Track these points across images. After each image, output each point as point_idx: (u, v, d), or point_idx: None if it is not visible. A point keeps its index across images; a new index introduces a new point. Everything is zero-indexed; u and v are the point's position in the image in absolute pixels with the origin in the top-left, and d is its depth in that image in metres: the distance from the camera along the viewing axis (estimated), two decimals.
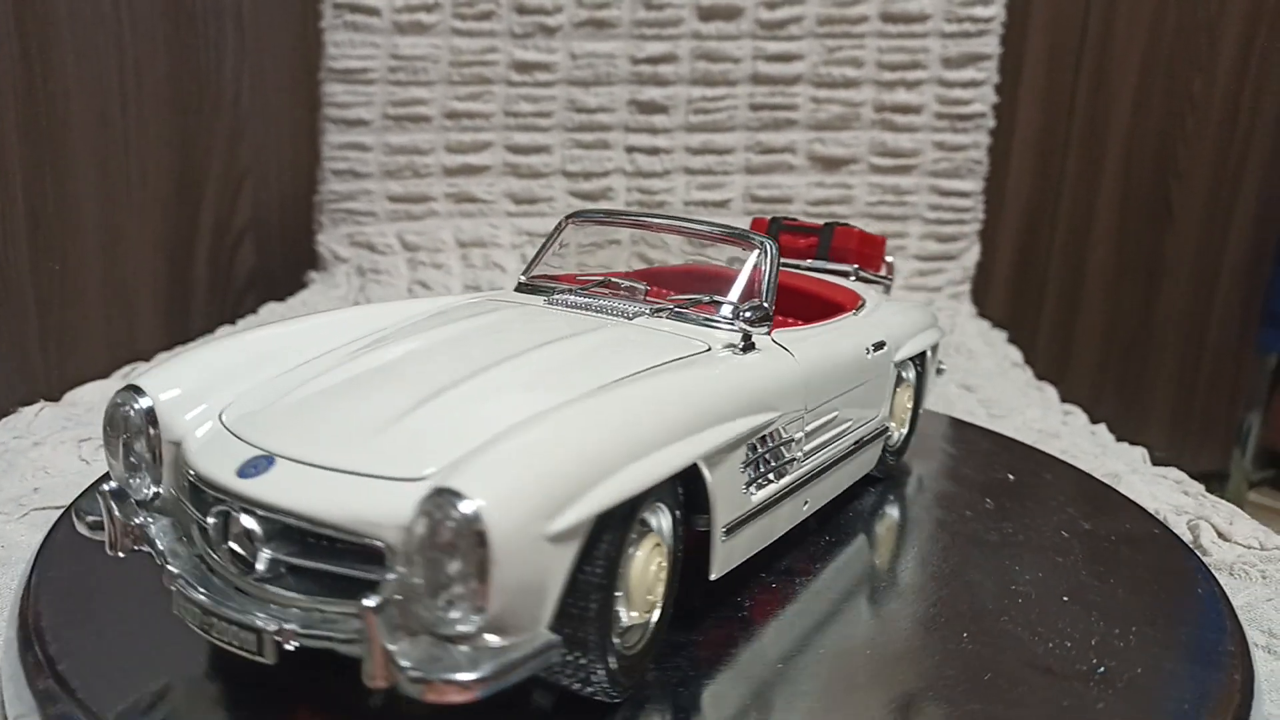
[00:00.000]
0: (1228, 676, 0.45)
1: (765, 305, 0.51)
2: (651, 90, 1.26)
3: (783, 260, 0.59)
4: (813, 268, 0.75)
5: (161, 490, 0.42)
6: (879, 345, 0.61)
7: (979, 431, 0.81)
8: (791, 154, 1.27)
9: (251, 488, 0.37)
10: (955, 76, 1.26)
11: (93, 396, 0.82)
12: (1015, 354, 1.14)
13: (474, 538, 0.32)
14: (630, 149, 1.27)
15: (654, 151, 1.27)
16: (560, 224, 0.61)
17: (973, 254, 1.31)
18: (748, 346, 0.49)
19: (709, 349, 0.48)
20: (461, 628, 0.33)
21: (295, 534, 0.37)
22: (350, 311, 0.53)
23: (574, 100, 1.25)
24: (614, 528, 0.37)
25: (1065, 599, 0.51)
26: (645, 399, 0.41)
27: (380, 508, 0.35)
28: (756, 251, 0.54)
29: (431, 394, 0.41)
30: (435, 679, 0.32)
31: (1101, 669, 0.45)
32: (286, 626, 0.36)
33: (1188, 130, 1.58)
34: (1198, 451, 1.76)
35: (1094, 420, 0.88)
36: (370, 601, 0.33)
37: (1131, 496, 0.69)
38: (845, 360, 0.57)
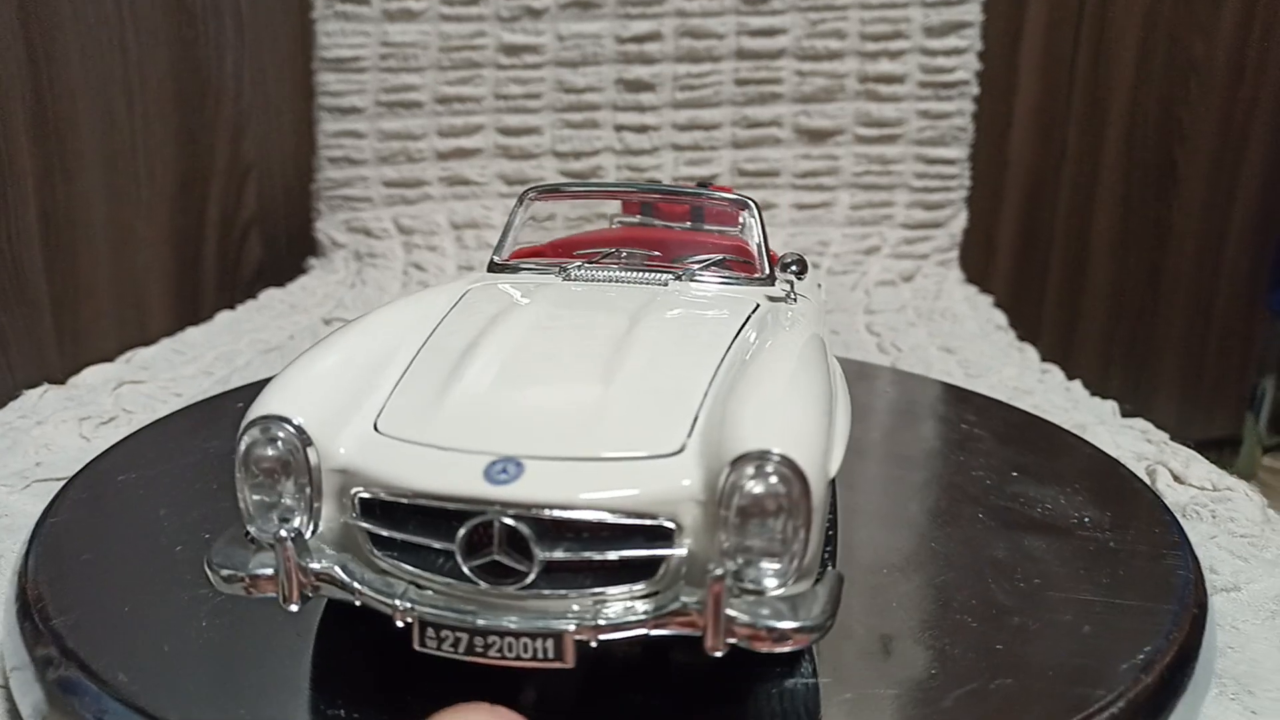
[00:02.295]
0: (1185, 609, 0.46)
1: (803, 259, 0.55)
2: (638, 69, 1.28)
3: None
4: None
5: (321, 527, 0.38)
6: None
7: (937, 386, 0.83)
8: (778, 127, 1.28)
9: (519, 492, 0.35)
10: (938, 45, 1.26)
11: (95, 379, 0.86)
12: (1000, 318, 1.15)
13: (800, 492, 0.34)
14: (619, 127, 1.29)
15: (642, 129, 1.29)
16: (521, 199, 0.63)
17: (959, 220, 1.32)
18: (793, 297, 0.54)
19: (757, 305, 0.51)
20: (771, 580, 0.35)
21: (561, 532, 0.35)
22: (406, 307, 0.50)
23: (562, 81, 1.28)
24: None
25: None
26: (808, 357, 0.44)
27: (665, 486, 0.35)
28: (747, 210, 0.58)
29: (601, 376, 0.41)
30: (787, 629, 0.33)
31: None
32: (591, 623, 0.34)
33: (1191, 93, 1.56)
34: (1209, 418, 1.75)
35: (1099, 393, 0.89)
36: (718, 571, 0.34)
37: (1096, 444, 0.70)
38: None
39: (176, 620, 0.44)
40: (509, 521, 0.34)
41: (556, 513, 0.35)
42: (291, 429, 0.37)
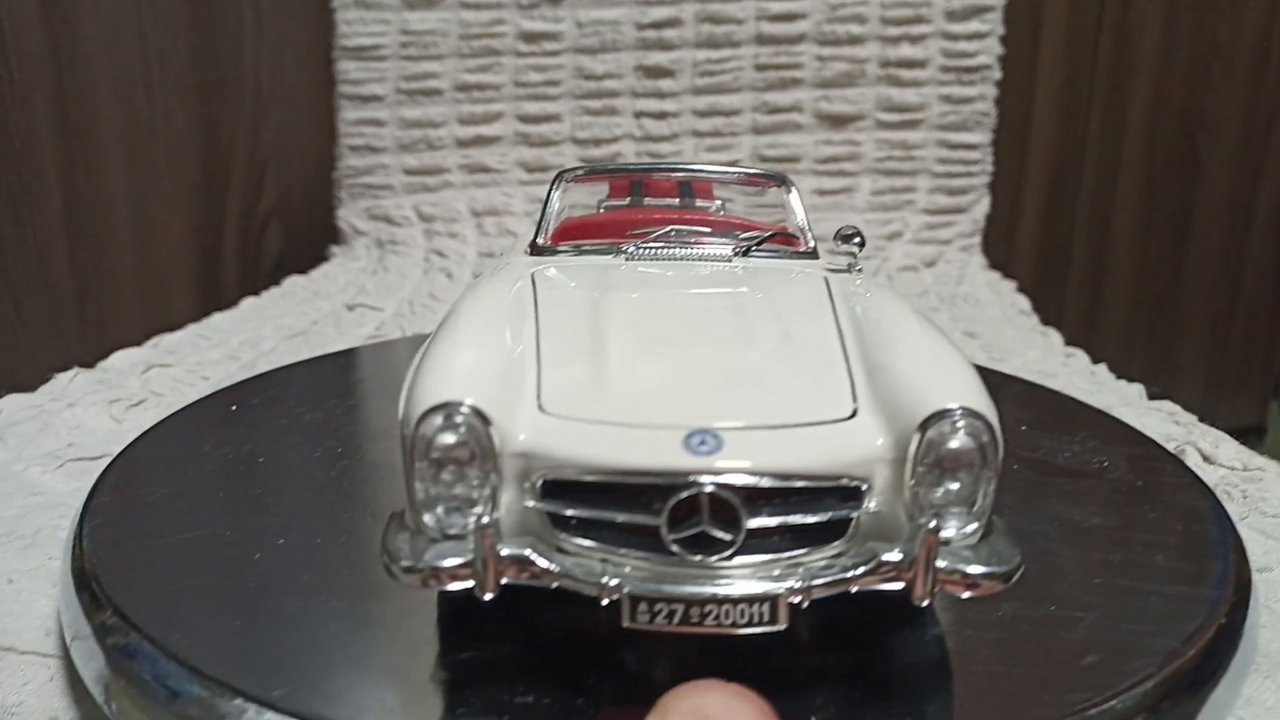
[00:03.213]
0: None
1: (860, 231, 0.56)
2: (657, 55, 1.27)
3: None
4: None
5: (500, 513, 0.37)
6: None
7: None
8: (798, 112, 1.28)
9: (726, 461, 0.35)
10: (959, 29, 1.26)
11: (122, 363, 0.87)
12: (1024, 302, 1.14)
13: (991, 443, 0.36)
14: (638, 114, 1.29)
15: (662, 115, 1.29)
16: (556, 180, 0.64)
17: (982, 206, 1.31)
18: (858, 268, 0.56)
19: (826, 277, 0.53)
20: (956, 529, 0.37)
21: (762, 499, 0.36)
22: (489, 295, 0.49)
23: (582, 68, 1.28)
24: None
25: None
26: (924, 319, 0.46)
27: (861, 448, 0.37)
28: (787, 188, 0.61)
29: (740, 347, 0.43)
30: (994, 573, 0.36)
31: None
32: (804, 584, 0.35)
33: (1215, 79, 1.55)
34: (1233, 405, 1.73)
35: (1126, 378, 0.89)
36: (932, 524, 0.36)
37: (1115, 416, 0.70)
38: None
39: (230, 590, 0.44)
40: (719, 492, 0.35)
41: (765, 481, 0.35)
42: (473, 413, 0.36)
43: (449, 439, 0.36)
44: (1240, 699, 0.43)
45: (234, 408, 0.67)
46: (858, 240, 0.55)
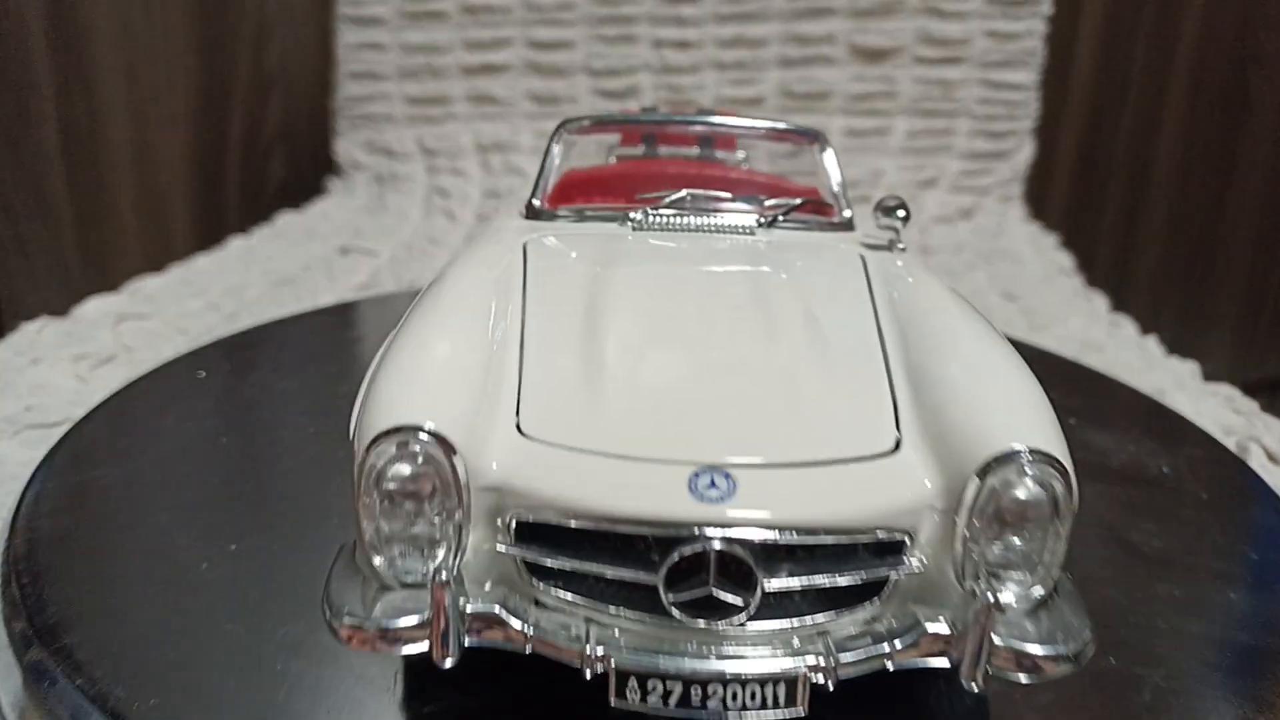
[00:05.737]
0: None
1: (904, 202, 0.50)
2: None
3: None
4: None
5: (467, 556, 0.31)
6: None
7: None
8: (830, 45, 1.18)
9: (739, 511, 0.29)
10: None
11: (96, 312, 0.81)
12: (1066, 260, 1.06)
13: (1065, 493, 0.30)
14: (658, 43, 1.20)
15: (682, 45, 1.19)
16: (556, 133, 0.57)
17: (1025, 152, 1.22)
18: (900, 245, 0.49)
19: (862, 256, 0.46)
20: (1014, 593, 0.30)
21: (782, 554, 0.30)
22: (471, 273, 0.42)
23: None
24: None
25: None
26: (985, 323, 0.39)
27: (903, 494, 0.30)
28: (820, 146, 0.54)
29: (763, 353, 0.36)
30: (1061, 654, 0.30)
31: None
32: (829, 662, 0.29)
33: (1270, 10, 1.44)
34: (1265, 357, 1.67)
35: (1150, 326, 0.82)
36: (991, 596, 0.29)
37: (1173, 409, 0.64)
38: None
39: (170, 609, 0.39)
40: (730, 549, 0.29)
41: (786, 536, 0.29)
42: (434, 440, 0.30)
43: (404, 470, 0.30)
44: None
45: (202, 374, 0.61)
46: (902, 214, 0.48)
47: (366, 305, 0.79)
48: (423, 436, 0.30)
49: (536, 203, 0.52)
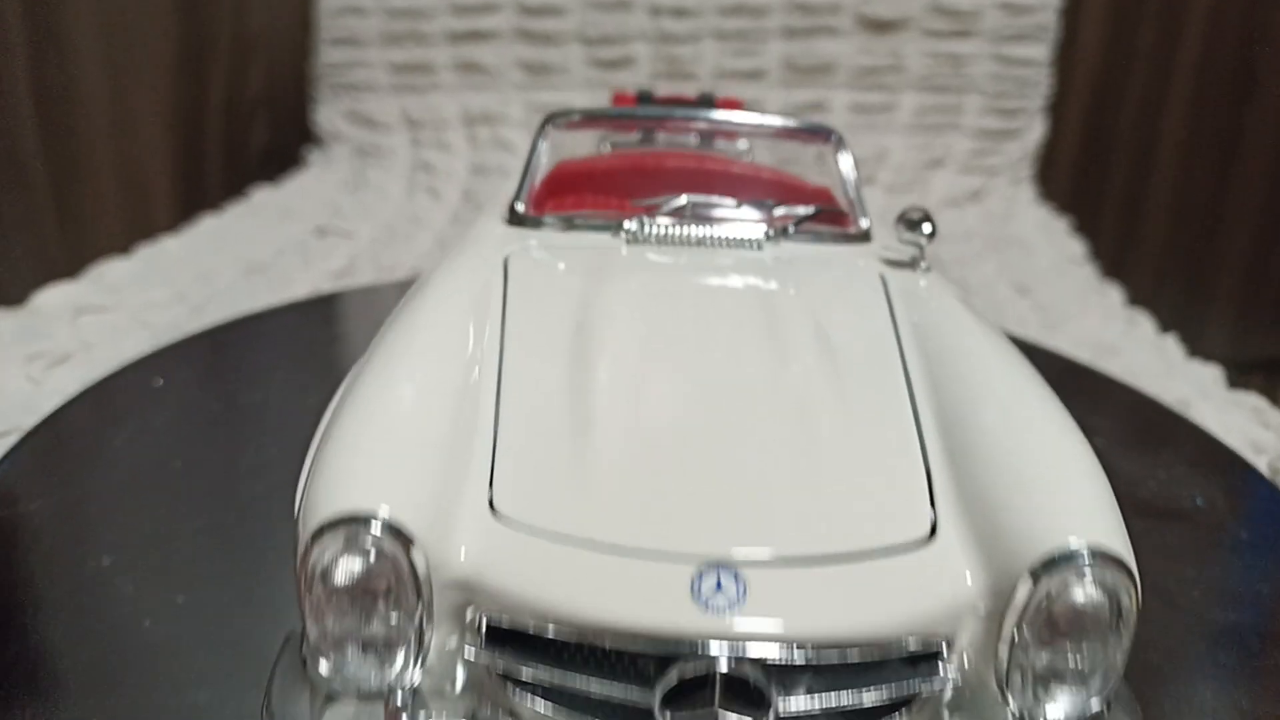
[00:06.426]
0: None
1: (929, 215, 0.45)
2: None
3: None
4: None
5: (431, 658, 0.27)
6: None
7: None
8: (835, 15, 1.12)
9: (749, 623, 0.25)
10: None
11: (53, 302, 0.76)
12: (1077, 248, 1.02)
13: (1130, 598, 0.26)
14: (655, 10, 1.14)
15: (681, 13, 1.13)
16: (541, 128, 0.52)
17: (1036, 131, 1.17)
18: (924, 264, 0.44)
19: (882, 276, 0.42)
20: (1060, 711, 0.26)
21: (799, 668, 0.26)
22: (445, 303, 0.37)
23: None
24: None
25: None
26: (1030, 374, 0.36)
27: (933, 595, 0.26)
28: (835, 146, 0.50)
29: (774, 410, 0.32)
30: None
31: None
32: None
33: None
34: (1267, 338, 1.64)
35: (1150, 302, 0.78)
36: (1039, 716, 0.26)
37: (1201, 426, 0.60)
38: None
39: (105, 676, 0.35)
40: (739, 670, 0.25)
41: (804, 654, 0.25)
42: (386, 531, 0.26)
43: (354, 566, 0.26)
44: None
45: (160, 383, 0.57)
46: (927, 228, 0.44)
47: (342, 300, 0.74)
48: (374, 529, 0.25)
49: (520, 207, 0.47)
